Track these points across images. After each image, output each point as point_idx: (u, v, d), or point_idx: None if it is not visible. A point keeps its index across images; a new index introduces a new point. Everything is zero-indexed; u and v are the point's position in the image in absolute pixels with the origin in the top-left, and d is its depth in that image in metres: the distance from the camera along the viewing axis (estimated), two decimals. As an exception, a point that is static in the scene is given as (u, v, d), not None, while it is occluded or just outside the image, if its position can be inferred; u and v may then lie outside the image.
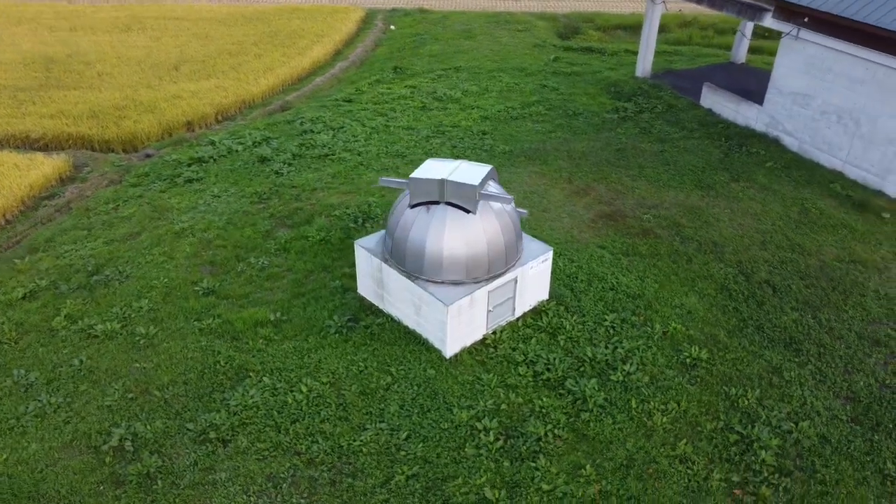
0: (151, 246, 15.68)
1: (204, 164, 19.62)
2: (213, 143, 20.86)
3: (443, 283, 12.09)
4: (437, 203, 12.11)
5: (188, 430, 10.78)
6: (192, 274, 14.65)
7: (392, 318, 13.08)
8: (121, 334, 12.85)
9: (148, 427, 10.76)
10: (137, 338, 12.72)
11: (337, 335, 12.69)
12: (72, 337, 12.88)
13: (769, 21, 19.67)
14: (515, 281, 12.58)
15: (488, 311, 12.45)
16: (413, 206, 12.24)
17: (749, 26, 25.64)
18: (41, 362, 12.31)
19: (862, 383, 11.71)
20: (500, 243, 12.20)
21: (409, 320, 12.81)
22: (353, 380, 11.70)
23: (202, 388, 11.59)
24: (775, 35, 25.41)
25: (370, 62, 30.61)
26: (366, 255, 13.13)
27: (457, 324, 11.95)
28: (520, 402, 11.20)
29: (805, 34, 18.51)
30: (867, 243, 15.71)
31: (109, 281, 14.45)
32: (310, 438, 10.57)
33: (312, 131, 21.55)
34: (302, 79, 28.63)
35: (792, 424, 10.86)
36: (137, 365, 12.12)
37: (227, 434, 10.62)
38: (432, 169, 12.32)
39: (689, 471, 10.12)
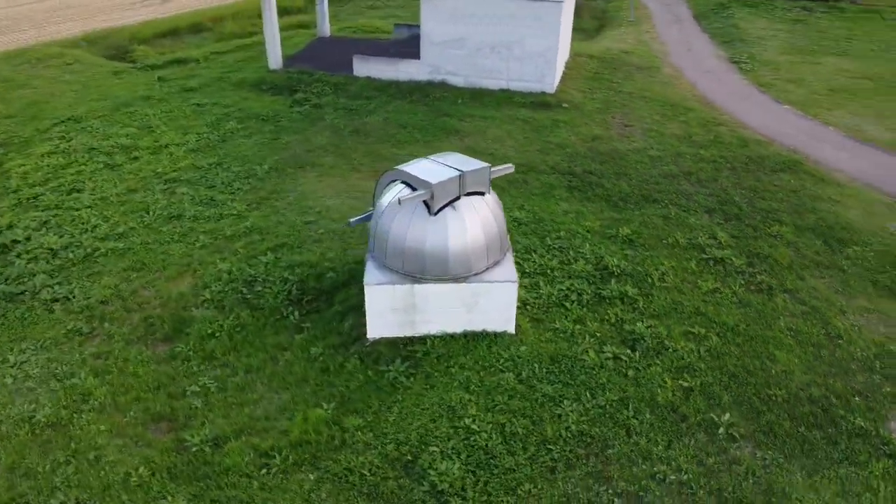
0: None
1: None
2: None
3: (477, 273, 12.33)
4: (457, 199, 12.03)
5: None
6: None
7: (428, 336, 12.58)
8: None
9: None
10: None
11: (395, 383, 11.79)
12: None
13: (406, -13, 22.76)
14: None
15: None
16: (437, 213, 11.86)
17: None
18: None
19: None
20: (501, 215, 12.90)
21: (455, 324, 12.58)
22: (512, 414, 11.40)
23: None
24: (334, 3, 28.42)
25: None
26: (387, 290, 12.07)
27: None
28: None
29: (444, -9, 22.35)
30: (578, 123, 21.20)
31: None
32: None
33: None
34: None
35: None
36: None
37: None
38: (425, 173, 12.01)
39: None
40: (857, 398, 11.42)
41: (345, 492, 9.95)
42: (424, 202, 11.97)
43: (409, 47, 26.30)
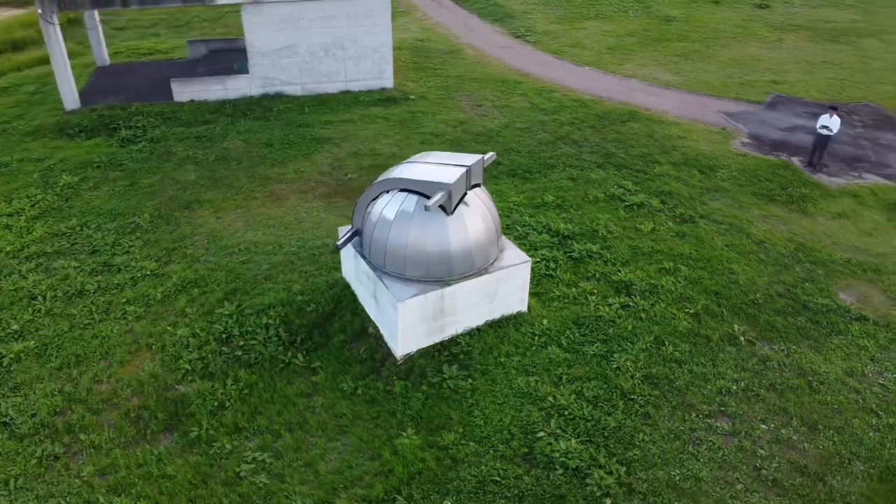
0: None
1: None
2: None
3: (493, 261, 12.46)
4: (465, 194, 11.87)
5: None
6: None
7: (456, 336, 12.36)
8: None
9: None
10: None
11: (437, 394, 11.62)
12: None
13: (224, -2, 20.96)
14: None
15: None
16: (453, 212, 11.59)
17: (96, 23, 24.58)
18: None
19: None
20: (491, 202, 12.99)
21: (479, 317, 12.57)
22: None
23: None
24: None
25: None
26: (420, 301, 11.60)
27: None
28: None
29: (268, -2, 21.06)
30: (436, 112, 21.77)
31: None
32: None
33: None
34: None
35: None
36: None
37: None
38: (431, 175, 11.67)
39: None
40: (807, 284, 14.02)
41: (497, 502, 9.70)
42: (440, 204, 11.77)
43: (217, 63, 24.35)
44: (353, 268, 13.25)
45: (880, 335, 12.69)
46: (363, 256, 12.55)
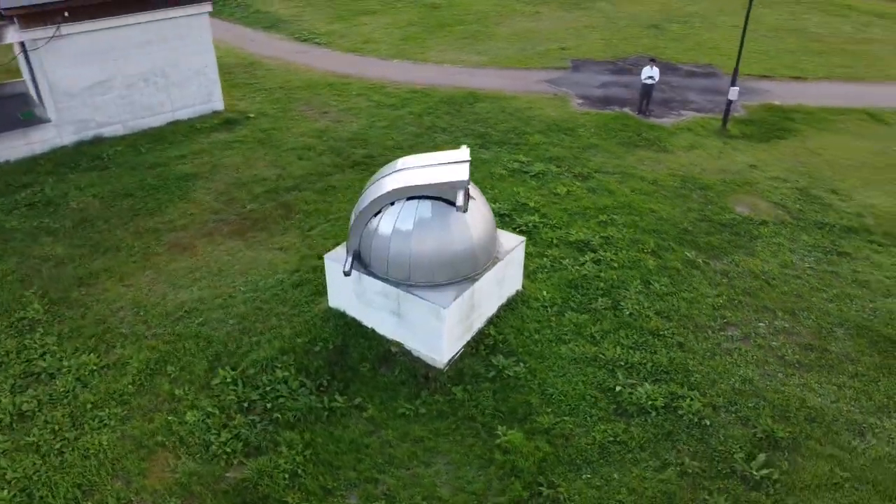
0: None
1: None
2: None
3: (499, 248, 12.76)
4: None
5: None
6: None
7: (481, 331, 12.37)
8: None
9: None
10: None
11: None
12: None
13: (13, 36, 17.08)
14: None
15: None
16: (466, 210, 11.46)
17: None
18: None
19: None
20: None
21: (494, 304, 12.82)
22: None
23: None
24: None
25: None
26: (459, 304, 11.44)
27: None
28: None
29: (67, 29, 17.70)
30: (289, 125, 20.67)
31: None
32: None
33: None
34: None
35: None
36: None
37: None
38: (441, 176, 11.40)
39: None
40: (710, 207, 16.53)
41: (627, 457, 10.21)
42: (450, 202, 11.59)
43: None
44: (351, 292, 12.44)
45: (783, 231, 15.65)
46: (374, 276, 11.91)
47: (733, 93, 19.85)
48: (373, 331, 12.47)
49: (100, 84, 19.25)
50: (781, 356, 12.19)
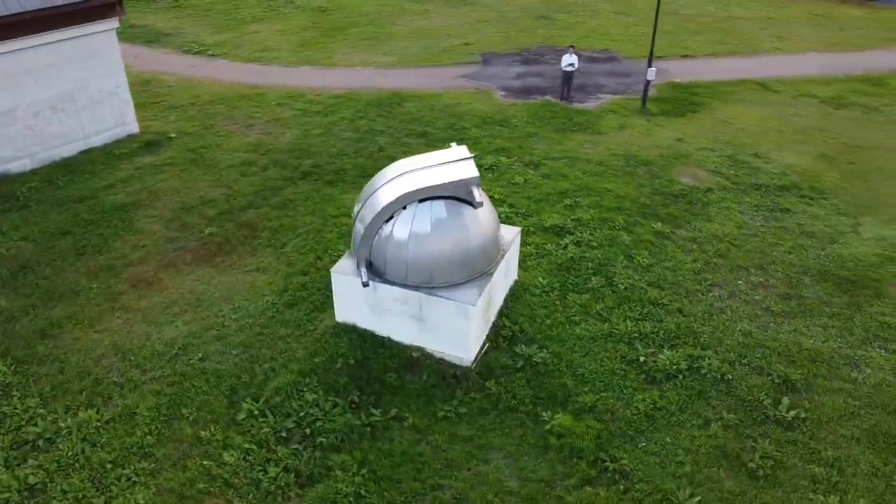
0: None
1: None
2: None
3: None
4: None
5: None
6: None
7: (497, 325, 12.49)
8: None
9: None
10: None
11: None
12: None
13: None
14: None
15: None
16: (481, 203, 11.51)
17: None
18: None
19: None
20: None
21: (503, 295, 13.00)
22: None
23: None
24: None
25: None
26: (482, 300, 11.58)
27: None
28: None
29: (-40, 56, 15.64)
30: (219, 143, 19.62)
31: None
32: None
33: None
34: None
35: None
36: None
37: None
38: (451, 175, 11.33)
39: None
40: (657, 180, 17.58)
41: (675, 417, 10.78)
42: (463, 200, 11.57)
43: None
44: (363, 303, 12.10)
45: (728, 196, 16.98)
46: (391, 282, 11.66)
47: (651, 73, 21.22)
48: (389, 339, 12.23)
49: (1, 116, 17.24)
50: (767, 307, 13.32)
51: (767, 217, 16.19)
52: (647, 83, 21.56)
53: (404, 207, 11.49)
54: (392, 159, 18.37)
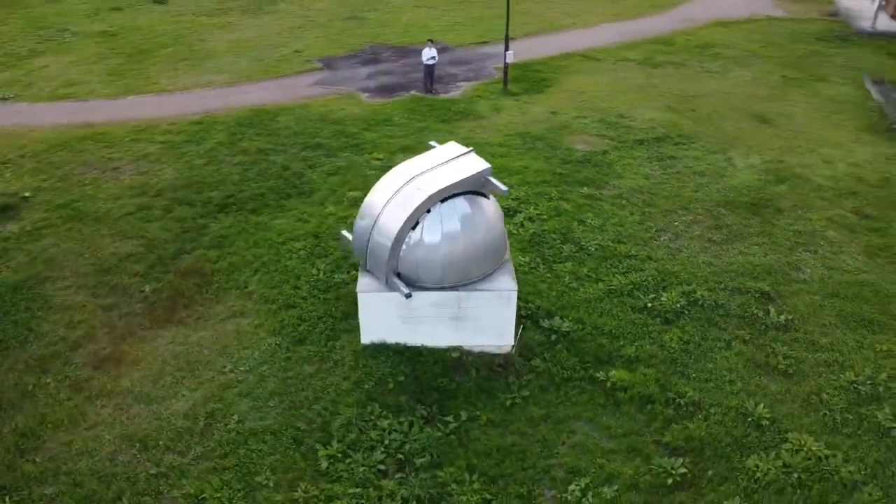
0: None
1: None
2: None
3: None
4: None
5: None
6: None
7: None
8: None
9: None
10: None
11: None
12: None
13: None
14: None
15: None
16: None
17: None
18: None
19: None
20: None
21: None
22: None
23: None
24: None
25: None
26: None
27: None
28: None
29: None
30: (87, 196, 17.03)
31: None
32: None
33: None
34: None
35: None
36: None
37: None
38: (462, 171, 11.35)
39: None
40: (558, 150, 18.92)
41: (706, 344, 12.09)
42: (478, 193, 11.66)
43: None
44: (394, 316, 11.73)
45: (623, 154, 18.95)
46: (425, 288, 11.44)
47: (510, 56, 22.59)
48: (424, 347, 12.04)
49: None
50: (710, 239, 15.36)
51: (663, 166, 18.46)
52: (506, 66, 22.95)
53: (428, 210, 11.37)
54: (303, 176, 17.74)
